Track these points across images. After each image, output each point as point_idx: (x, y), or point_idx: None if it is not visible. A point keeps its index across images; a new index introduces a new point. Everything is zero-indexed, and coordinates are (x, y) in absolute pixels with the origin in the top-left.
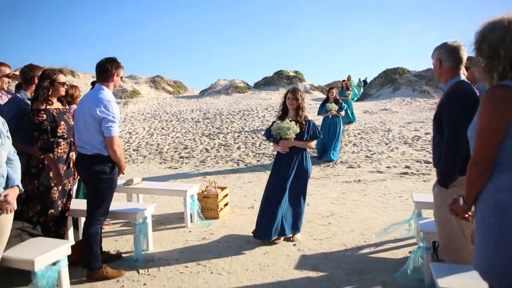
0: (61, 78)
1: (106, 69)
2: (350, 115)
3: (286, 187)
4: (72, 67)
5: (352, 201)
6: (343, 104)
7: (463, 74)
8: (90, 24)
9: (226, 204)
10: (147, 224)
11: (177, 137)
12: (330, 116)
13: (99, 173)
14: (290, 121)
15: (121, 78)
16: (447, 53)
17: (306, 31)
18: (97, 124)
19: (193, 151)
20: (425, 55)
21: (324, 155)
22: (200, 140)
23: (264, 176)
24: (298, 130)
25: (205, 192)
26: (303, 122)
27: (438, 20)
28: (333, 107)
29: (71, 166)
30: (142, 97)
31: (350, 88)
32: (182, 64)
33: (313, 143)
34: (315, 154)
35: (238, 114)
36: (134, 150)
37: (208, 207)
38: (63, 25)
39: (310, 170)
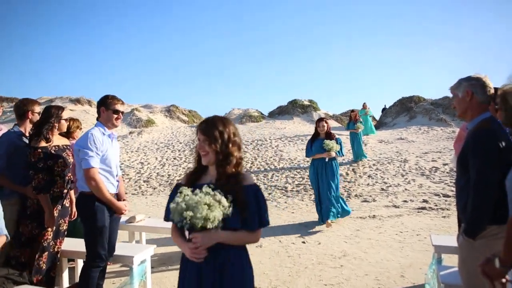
0: (65, 114)
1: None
2: (356, 151)
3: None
4: (90, 96)
5: (366, 240)
6: (339, 141)
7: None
8: (107, 54)
9: None
10: (145, 267)
11: (188, 168)
12: (327, 159)
13: (85, 212)
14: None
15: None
16: (480, 86)
17: (320, 59)
18: (78, 158)
19: None
20: (442, 82)
21: (323, 213)
22: None
23: (275, 211)
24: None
25: None
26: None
27: (456, 44)
28: (332, 145)
29: (67, 205)
30: (157, 126)
31: (361, 119)
32: (198, 93)
33: None
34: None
35: (251, 144)
36: (144, 181)
37: None
38: (80, 55)
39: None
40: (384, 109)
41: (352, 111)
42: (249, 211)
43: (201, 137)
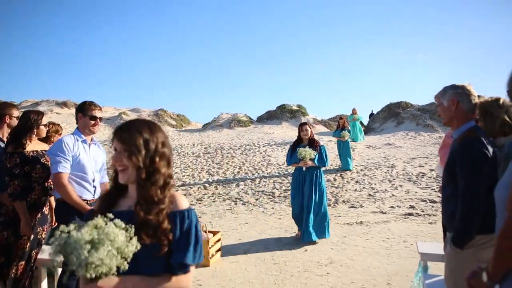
0: (45, 120)
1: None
2: (343, 161)
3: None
4: (77, 100)
5: (353, 247)
6: (322, 149)
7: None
8: (95, 57)
9: (218, 250)
10: None
11: (175, 173)
12: (304, 168)
13: (59, 219)
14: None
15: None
16: (465, 95)
17: (309, 64)
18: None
19: (191, 188)
20: (430, 88)
21: (304, 232)
22: (199, 176)
23: (262, 217)
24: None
25: None
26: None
27: (444, 51)
28: (305, 153)
29: (46, 212)
30: None
31: (349, 127)
32: (186, 97)
33: None
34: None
35: (239, 149)
36: None
37: None
38: (67, 58)
39: None
40: (371, 115)
41: (341, 118)
42: (174, 247)
43: (118, 146)
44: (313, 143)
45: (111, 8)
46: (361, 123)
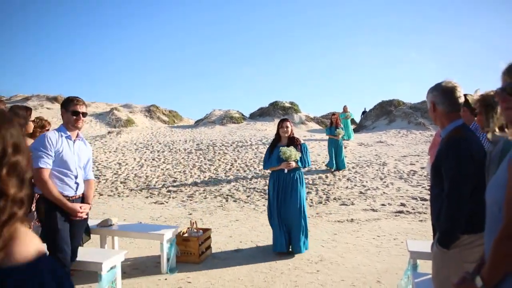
0: (33, 116)
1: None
2: (337, 160)
3: None
4: (67, 95)
5: (344, 244)
6: (304, 147)
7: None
8: (87, 52)
9: (208, 247)
10: (115, 273)
11: (167, 169)
12: (286, 171)
13: (40, 215)
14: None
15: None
16: (442, 96)
17: (302, 61)
18: None
19: (182, 184)
20: (422, 86)
21: (292, 244)
22: (191, 173)
23: (253, 214)
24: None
25: (186, 235)
26: None
27: (437, 49)
28: (290, 153)
29: (33, 209)
30: (137, 126)
31: (342, 124)
32: (179, 93)
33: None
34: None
35: (231, 145)
36: (121, 182)
37: (188, 251)
38: (59, 53)
39: None
40: (364, 112)
41: (333, 114)
42: None
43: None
44: (293, 141)
45: (106, 3)
46: (353, 120)
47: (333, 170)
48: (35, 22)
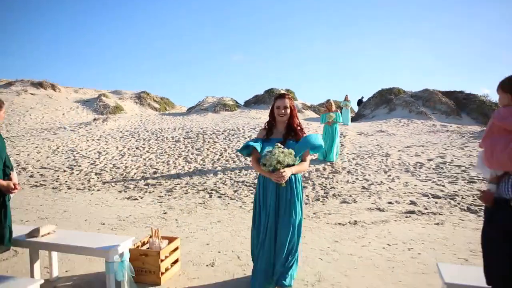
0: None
1: None
2: (327, 150)
3: None
4: (54, 80)
5: (347, 257)
6: (308, 139)
7: None
8: (75, 35)
9: (175, 262)
10: None
11: (149, 159)
12: (284, 183)
13: None
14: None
15: None
16: None
17: (299, 48)
18: None
19: (163, 176)
20: (422, 74)
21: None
22: (175, 163)
23: (239, 214)
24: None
25: (145, 247)
26: None
27: (437, 36)
28: (285, 157)
29: None
30: (125, 113)
31: (338, 110)
32: (173, 80)
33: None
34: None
35: (222, 133)
36: (96, 174)
37: (147, 268)
38: (44, 38)
39: None
40: (360, 101)
41: (328, 100)
42: None
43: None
44: (292, 132)
45: None
46: (352, 110)
47: (327, 160)
48: (18, 3)
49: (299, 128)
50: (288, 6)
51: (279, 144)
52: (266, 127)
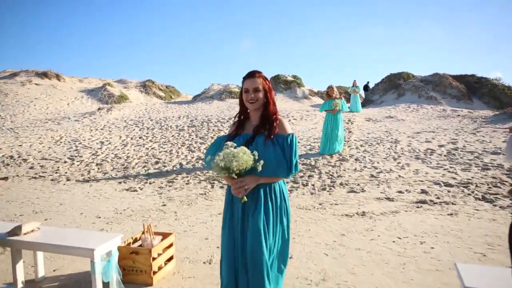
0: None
1: None
2: (330, 141)
3: None
4: (58, 70)
5: (354, 252)
6: (286, 140)
7: None
8: (79, 25)
9: (170, 259)
10: None
11: (152, 148)
12: (241, 199)
13: None
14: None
15: None
16: None
17: (306, 34)
18: None
19: (165, 166)
20: (433, 58)
21: None
22: (178, 153)
23: None
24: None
25: (136, 244)
26: None
27: (447, 19)
28: (243, 160)
29: None
30: (130, 102)
31: (339, 96)
32: (178, 69)
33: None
34: None
35: (228, 121)
36: (97, 164)
37: (138, 268)
38: (50, 28)
39: None
40: (366, 86)
41: (330, 86)
42: None
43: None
44: (266, 124)
45: None
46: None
47: (334, 153)
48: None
49: (275, 117)
50: None
51: (229, 143)
52: (237, 119)
